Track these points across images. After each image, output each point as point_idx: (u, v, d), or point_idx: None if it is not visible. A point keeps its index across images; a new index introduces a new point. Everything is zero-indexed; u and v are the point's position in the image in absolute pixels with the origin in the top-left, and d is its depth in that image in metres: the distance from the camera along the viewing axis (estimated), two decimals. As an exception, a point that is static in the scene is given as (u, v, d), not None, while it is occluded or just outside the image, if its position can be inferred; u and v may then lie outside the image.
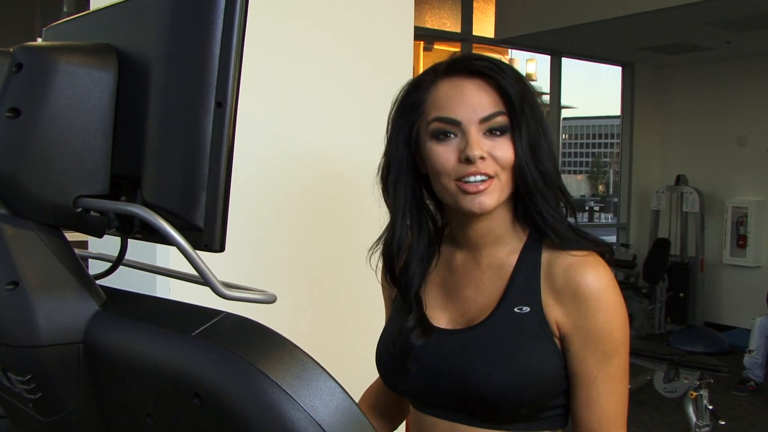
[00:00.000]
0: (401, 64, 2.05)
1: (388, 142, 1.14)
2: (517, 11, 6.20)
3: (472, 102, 1.05)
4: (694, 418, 3.84)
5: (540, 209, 1.07)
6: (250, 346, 0.51)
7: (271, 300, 0.58)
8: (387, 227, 1.16)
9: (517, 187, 1.07)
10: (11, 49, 0.59)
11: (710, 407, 3.85)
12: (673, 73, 7.57)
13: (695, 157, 7.39)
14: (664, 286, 7.19)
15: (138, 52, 0.60)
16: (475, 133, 1.04)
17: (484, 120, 1.04)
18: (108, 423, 0.60)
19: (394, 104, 1.14)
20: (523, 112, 1.04)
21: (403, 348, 1.11)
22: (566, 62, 7.12)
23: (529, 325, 1.05)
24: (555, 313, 1.05)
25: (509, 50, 6.91)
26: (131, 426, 0.58)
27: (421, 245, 1.15)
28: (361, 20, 1.98)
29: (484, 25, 6.55)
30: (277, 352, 0.51)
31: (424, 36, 6.24)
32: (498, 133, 1.05)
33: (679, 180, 7.32)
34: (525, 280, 1.08)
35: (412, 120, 1.10)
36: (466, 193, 1.04)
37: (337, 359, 1.01)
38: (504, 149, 1.04)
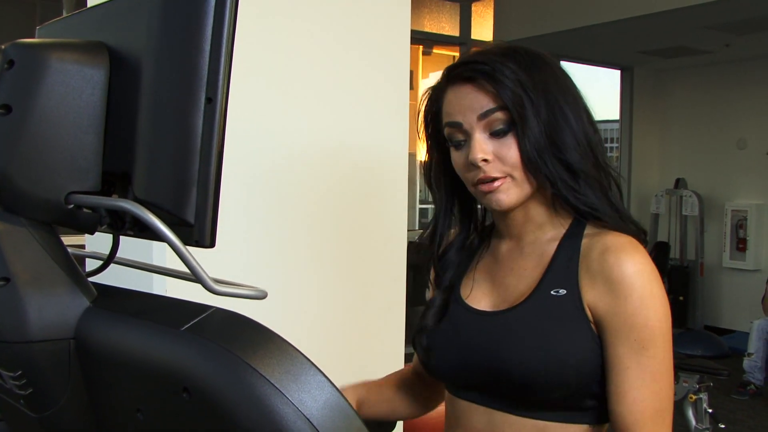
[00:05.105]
0: (398, 65, 2.06)
1: (426, 145, 1.21)
2: (515, 15, 6.21)
3: (470, 103, 1.06)
4: (693, 422, 3.83)
5: (566, 196, 1.07)
6: (238, 341, 0.51)
7: (261, 296, 0.59)
8: (432, 218, 1.24)
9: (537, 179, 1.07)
10: (2, 46, 0.59)
11: (710, 411, 3.85)
12: (672, 77, 7.57)
13: (694, 161, 7.38)
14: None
15: (129, 49, 0.60)
16: (478, 136, 1.06)
17: (482, 117, 1.05)
18: (98, 418, 0.61)
19: (419, 111, 1.20)
20: (526, 103, 1.03)
21: (420, 325, 1.18)
22: (565, 66, 7.11)
23: (565, 308, 1.04)
24: (590, 296, 1.03)
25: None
26: (121, 421, 0.58)
27: (460, 237, 1.23)
28: (356, 22, 1.98)
29: (483, 29, 6.57)
30: (265, 347, 0.51)
31: (423, 40, 6.25)
32: (503, 132, 1.05)
33: (679, 183, 7.32)
34: (564, 264, 1.07)
35: (438, 126, 1.15)
36: (484, 193, 1.08)
37: (326, 354, 1.01)
38: (509, 148, 1.05)
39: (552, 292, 1.06)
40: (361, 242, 1.21)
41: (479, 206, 1.23)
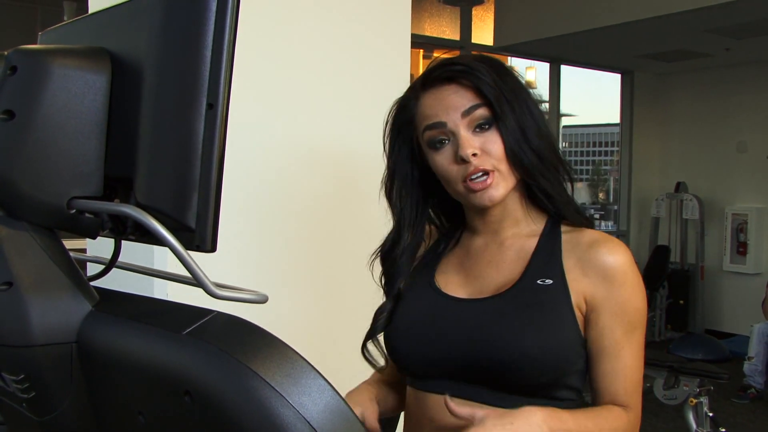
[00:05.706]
0: (398, 69, 2.06)
1: (389, 159, 1.22)
2: (516, 19, 6.22)
3: (452, 102, 1.11)
4: (694, 426, 3.82)
5: (543, 187, 1.13)
6: (240, 344, 0.51)
7: (262, 300, 0.59)
8: (391, 231, 1.24)
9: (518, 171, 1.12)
10: (6, 52, 0.60)
11: (710, 414, 3.84)
12: (673, 80, 7.58)
13: (695, 164, 7.38)
14: (664, 293, 7.17)
15: (131, 55, 0.61)
16: (464, 132, 1.10)
17: (466, 114, 1.10)
18: (100, 421, 0.61)
19: (387, 124, 1.22)
20: (503, 99, 1.10)
21: (374, 328, 1.21)
22: (565, 70, 7.12)
23: (552, 296, 1.10)
24: (581, 286, 1.10)
25: (508, 58, 6.92)
26: (123, 424, 0.59)
27: (411, 246, 1.23)
28: (357, 26, 1.99)
29: (483, 32, 6.57)
30: (266, 350, 0.51)
31: (424, 44, 6.26)
32: (486, 127, 1.11)
33: (679, 187, 7.32)
34: (546, 257, 1.14)
35: (409, 136, 1.18)
36: (474, 191, 1.10)
37: (327, 358, 1.01)
38: (494, 142, 1.10)
39: (538, 282, 1.12)
40: (362, 246, 1.21)
41: (431, 211, 1.26)
